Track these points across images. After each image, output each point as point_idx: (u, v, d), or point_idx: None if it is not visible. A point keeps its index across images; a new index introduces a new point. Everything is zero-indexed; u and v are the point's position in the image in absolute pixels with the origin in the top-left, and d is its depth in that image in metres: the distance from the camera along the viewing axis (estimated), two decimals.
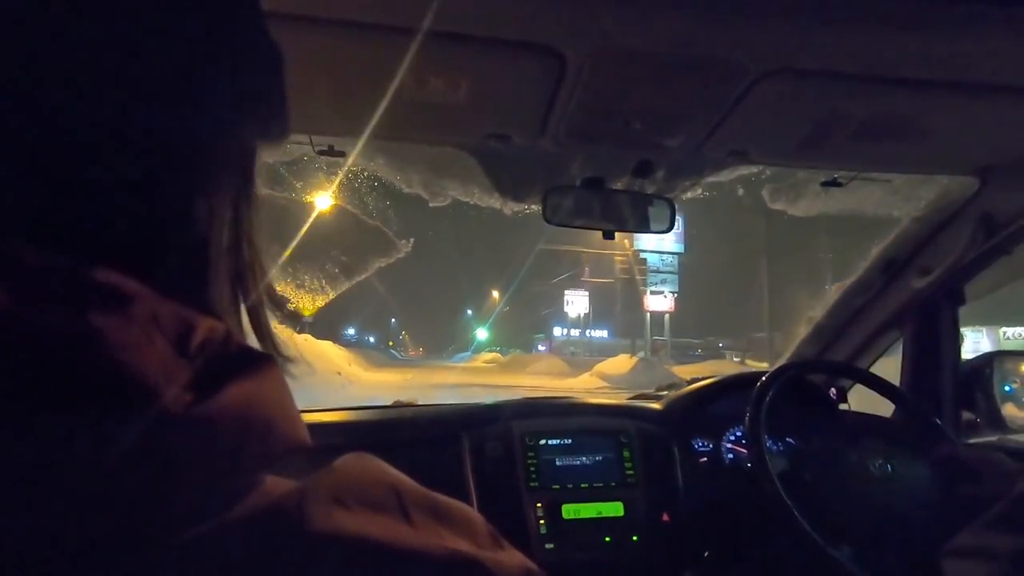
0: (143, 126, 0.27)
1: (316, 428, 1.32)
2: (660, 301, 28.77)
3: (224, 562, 0.23)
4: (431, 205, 1.51)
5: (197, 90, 0.29)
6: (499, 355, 43.48)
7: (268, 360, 0.28)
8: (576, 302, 42.29)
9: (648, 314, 29.12)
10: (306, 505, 0.25)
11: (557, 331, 54.23)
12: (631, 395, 1.85)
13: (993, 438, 1.47)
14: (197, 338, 0.26)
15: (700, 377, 1.67)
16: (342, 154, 1.26)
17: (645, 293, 29.08)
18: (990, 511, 0.77)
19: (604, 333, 46.47)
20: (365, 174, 1.40)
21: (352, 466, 0.29)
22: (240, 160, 0.32)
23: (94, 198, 0.26)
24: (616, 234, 1.39)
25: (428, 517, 0.28)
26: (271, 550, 0.24)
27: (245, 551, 0.23)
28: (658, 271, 29.34)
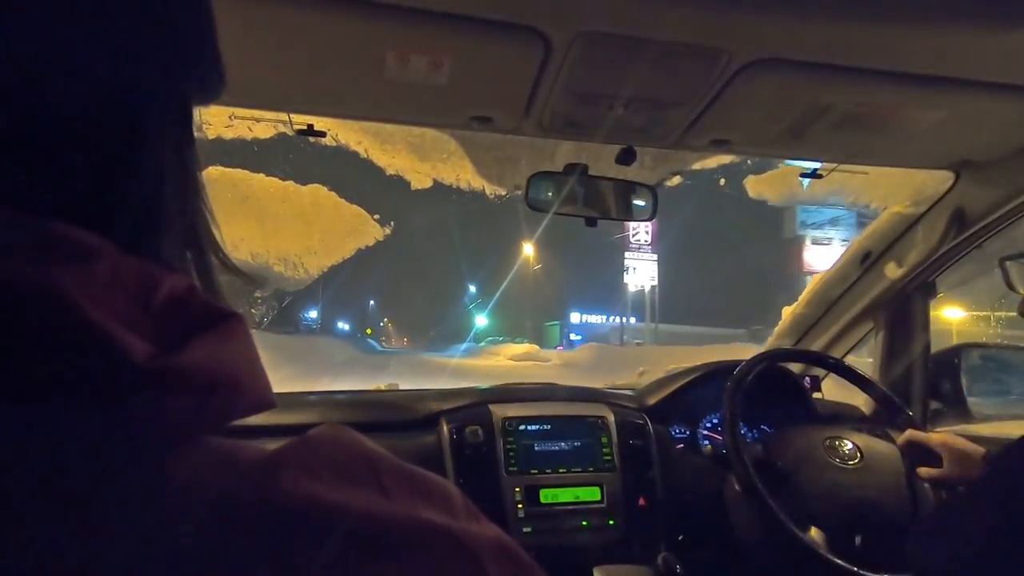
0: (83, 75, 0.26)
1: (291, 408, 1.31)
2: (827, 256, 17.83)
3: (187, 528, 0.22)
4: (413, 188, 1.49)
5: (134, 40, 0.28)
6: (534, 346, 30.10)
7: (235, 317, 0.28)
8: (640, 269, 30.66)
9: (808, 278, 17.44)
10: (275, 472, 0.25)
11: (575, 317, 41.64)
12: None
13: (958, 427, 1.51)
14: (161, 294, 0.25)
15: (676, 367, 1.69)
16: (322, 134, 1.24)
17: (803, 243, 19.00)
18: (954, 495, 0.80)
19: (629, 319, 33.62)
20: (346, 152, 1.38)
21: (325, 436, 0.28)
22: (180, 110, 0.32)
23: (41, 152, 0.26)
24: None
25: (403, 488, 0.27)
26: (237, 518, 0.23)
27: (210, 518, 0.22)
28: (821, 207, 17.68)
